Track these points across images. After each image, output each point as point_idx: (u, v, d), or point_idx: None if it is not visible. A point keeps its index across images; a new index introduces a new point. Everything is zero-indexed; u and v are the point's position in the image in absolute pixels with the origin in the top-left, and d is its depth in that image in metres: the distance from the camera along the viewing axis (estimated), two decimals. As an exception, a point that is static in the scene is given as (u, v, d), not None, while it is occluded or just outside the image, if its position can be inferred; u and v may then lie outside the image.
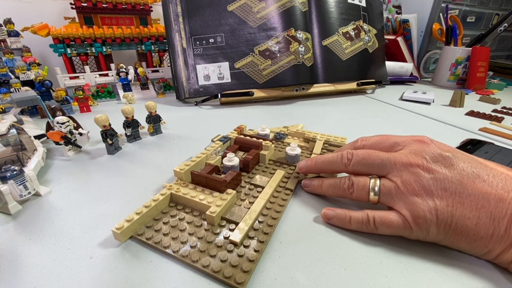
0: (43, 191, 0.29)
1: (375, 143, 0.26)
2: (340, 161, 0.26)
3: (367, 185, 0.23)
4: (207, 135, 0.41)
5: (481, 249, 0.20)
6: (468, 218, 0.19)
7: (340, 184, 0.25)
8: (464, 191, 0.20)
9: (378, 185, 0.23)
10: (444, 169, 0.21)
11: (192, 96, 0.62)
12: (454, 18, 0.83)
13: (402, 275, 0.20)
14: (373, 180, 0.23)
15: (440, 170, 0.21)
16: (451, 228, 0.20)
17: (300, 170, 0.29)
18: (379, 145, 0.26)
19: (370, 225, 0.22)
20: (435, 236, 0.20)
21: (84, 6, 0.66)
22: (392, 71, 0.86)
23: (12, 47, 0.61)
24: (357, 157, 0.25)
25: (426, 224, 0.20)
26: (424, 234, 0.21)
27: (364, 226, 0.23)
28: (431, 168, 0.21)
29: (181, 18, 0.60)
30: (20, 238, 0.23)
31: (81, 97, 0.57)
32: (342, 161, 0.25)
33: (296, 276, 0.20)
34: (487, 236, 0.19)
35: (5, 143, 0.32)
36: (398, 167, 0.22)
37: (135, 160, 0.37)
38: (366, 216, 0.23)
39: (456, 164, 0.21)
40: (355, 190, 0.24)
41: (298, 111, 0.58)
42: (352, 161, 0.25)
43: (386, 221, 0.22)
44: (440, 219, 0.20)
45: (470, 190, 0.19)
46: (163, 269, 0.20)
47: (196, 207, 0.26)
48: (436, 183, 0.20)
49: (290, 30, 0.61)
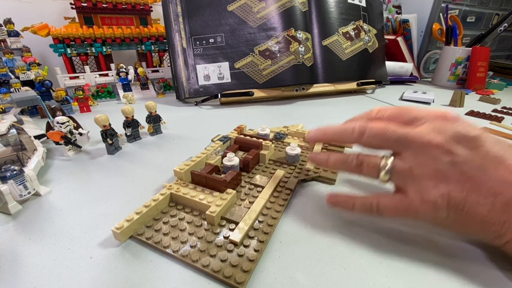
0: (43, 191, 0.29)
1: (393, 115, 0.23)
2: (351, 133, 0.23)
3: (377, 164, 0.22)
4: (207, 135, 0.41)
5: (490, 235, 0.19)
6: (482, 204, 0.18)
7: (349, 160, 0.24)
8: (483, 177, 0.18)
9: (389, 165, 0.21)
10: (466, 151, 0.19)
11: (192, 96, 0.62)
12: (454, 18, 0.83)
13: (402, 275, 0.20)
14: (384, 161, 0.22)
15: (461, 153, 0.19)
16: (462, 213, 0.19)
17: (308, 139, 0.28)
18: (397, 118, 0.23)
19: (374, 212, 0.22)
20: (443, 220, 0.20)
21: (84, 6, 0.66)
22: (392, 71, 0.86)
23: (12, 47, 0.61)
24: (370, 131, 0.22)
25: (435, 208, 0.19)
26: (431, 217, 0.20)
27: (368, 212, 0.22)
28: (451, 150, 0.19)
29: (181, 18, 0.60)
30: (20, 238, 0.23)
31: (81, 97, 0.57)
32: (353, 134, 0.23)
33: (296, 276, 0.19)
34: (499, 223, 0.18)
35: (5, 143, 0.32)
36: (415, 146, 0.20)
37: (135, 160, 0.37)
38: (369, 205, 0.22)
39: (481, 146, 0.19)
40: (365, 168, 0.23)
41: (298, 111, 0.58)
42: (365, 135, 0.22)
43: (391, 206, 0.21)
44: (452, 204, 0.19)
45: (490, 175, 0.18)
46: (163, 269, 0.20)
47: (196, 207, 0.26)
48: (454, 168, 0.19)
49: (290, 30, 0.61)
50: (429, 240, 0.23)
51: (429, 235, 0.23)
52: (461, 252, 0.21)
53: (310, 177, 0.31)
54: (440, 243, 0.22)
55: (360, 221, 0.25)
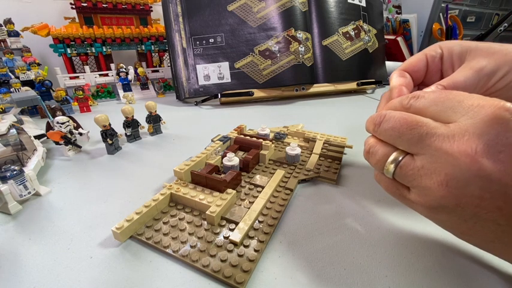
0: (43, 191, 0.29)
1: (429, 104, 0.17)
2: (371, 121, 0.20)
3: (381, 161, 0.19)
4: (207, 135, 0.41)
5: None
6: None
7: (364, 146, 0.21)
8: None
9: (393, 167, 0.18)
10: (504, 165, 0.14)
11: (192, 96, 0.62)
12: (454, 18, 0.83)
13: (402, 275, 0.20)
14: (392, 157, 0.18)
15: (494, 168, 0.14)
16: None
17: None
18: (432, 107, 0.17)
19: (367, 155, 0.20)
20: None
21: (84, 6, 0.66)
22: (392, 71, 0.86)
23: (12, 47, 0.61)
24: (386, 124, 0.18)
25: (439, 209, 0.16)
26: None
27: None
28: (481, 164, 0.14)
29: (181, 18, 0.60)
30: (20, 238, 0.23)
31: (81, 97, 0.57)
32: (371, 122, 0.20)
33: (296, 276, 0.19)
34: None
35: (5, 143, 0.32)
36: (437, 154, 0.15)
37: (135, 160, 0.37)
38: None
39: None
40: (372, 160, 0.20)
41: (298, 111, 0.58)
42: (380, 127, 0.19)
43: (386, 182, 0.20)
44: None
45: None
46: (163, 269, 0.20)
47: (196, 207, 0.26)
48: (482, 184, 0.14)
49: (290, 30, 0.61)
50: (429, 240, 0.22)
51: (429, 235, 0.23)
52: (462, 252, 0.21)
53: (310, 177, 0.31)
54: (440, 243, 0.22)
55: (360, 221, 0.25)
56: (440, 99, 0.17)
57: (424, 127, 0.16)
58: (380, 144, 0.19)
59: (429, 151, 0.16)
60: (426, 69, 0.25)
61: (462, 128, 0.15)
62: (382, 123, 0.19)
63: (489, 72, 0.21)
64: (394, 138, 0.18)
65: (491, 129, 0.14)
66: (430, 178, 0.16)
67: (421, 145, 0.16)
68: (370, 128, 0.20)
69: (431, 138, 0.16)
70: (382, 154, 0.19)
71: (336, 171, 0.32)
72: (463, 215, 0.15)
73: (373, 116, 0.20)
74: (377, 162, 0.19)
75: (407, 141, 0.17)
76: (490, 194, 0.14)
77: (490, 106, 0.15)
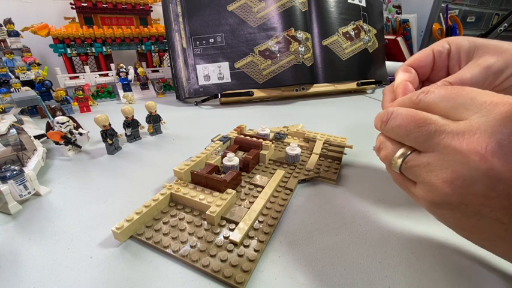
0: (43, 191, 0.29)
1: (440, 99, 0.17)
2: (379, 118, 0.20)
3: (389, 156, 0.19)
4: (207, 135, 0.41)
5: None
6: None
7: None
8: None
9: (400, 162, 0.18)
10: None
11: (192, 96, 0.62)
12: (454, 18, 0.83)
13: (402, 275, 0.20)
14: (400, 152, 0.18)
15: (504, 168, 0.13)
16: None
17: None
18: (443, 102, 0.17)
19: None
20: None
21: (84, 6, 0.66)
22: (392, 71, 0.86)
23: (12, 47, 0.61)
24: (394, 122, 0.18)
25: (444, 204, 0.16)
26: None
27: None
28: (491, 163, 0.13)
29: (181, 18, 0.60)
30: (20, 238, 0.23)
31: (81, 97, 0.57)
32: (379, 119, 0.19)
33: (296, 276, 0.19)
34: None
35: (5, 143, 0.32)
36: (445, 152, 0.15)
37: (135, 160, 0.37)
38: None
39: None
40: (381, 154, 0.20)
41: (298, 111, 0.58)
42: (387, 125, 0.18)
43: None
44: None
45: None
46: (163, 269, 0.20)
47: (196, 207, 0.26)
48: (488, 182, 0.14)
49: (290, 30, 0.61)
50: (429, 240, 0.22)
51: (429, 235, 0.23)
52: (462, 252, 0.21)
53: (310, 177, 0.31)
54: (440, 244, 0.22)
55: (360, 221, 0.25)
56: (452, 95, 0.16)
57: (432, 125, 0.16)
58: (390, 141, 0.19)
59: (437, 148, 0.16)
60: (433, 65, 0.25)
61: (473, 126, 0.14)
62: (389, 120, 0.18)
63: (497, 71, 0.21)
64: (401, 136, 0.18)
65: (505, 128, 0.13)
66: (435, 175, 0.16)
67: (429, 143, 0.16)
68: (378, 125, 0.20)
69: (440, 136, 0.15)
70: (391, 149, 0.19)
71: (336, 171, 0.32)
72: (466, 212, 0.15)
73: (380, 113, 0.20)
74: (385, 157, 0.19)
75: (414, 139, 0.17)
76: (496, 193, 0.14)
77: (504, 104, 0.14)
